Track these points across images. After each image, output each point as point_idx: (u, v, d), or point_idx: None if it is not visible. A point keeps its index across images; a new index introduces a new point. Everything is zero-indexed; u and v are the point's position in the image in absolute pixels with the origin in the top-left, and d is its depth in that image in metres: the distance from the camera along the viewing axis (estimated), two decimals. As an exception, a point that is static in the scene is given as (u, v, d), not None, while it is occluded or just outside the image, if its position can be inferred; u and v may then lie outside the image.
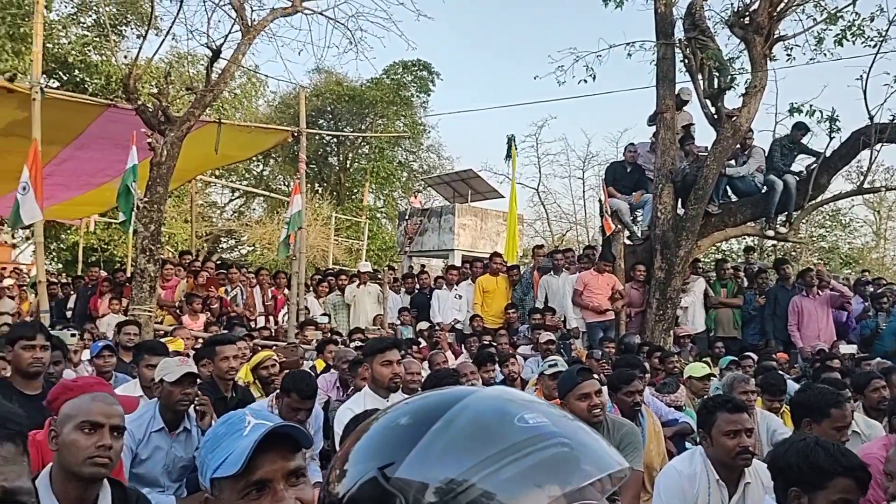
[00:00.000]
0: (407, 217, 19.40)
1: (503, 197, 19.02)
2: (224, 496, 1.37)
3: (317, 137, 27.01)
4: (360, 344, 7.04)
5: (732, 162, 9.57)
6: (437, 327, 9.67)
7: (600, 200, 10.38)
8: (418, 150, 30.97)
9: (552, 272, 9.83)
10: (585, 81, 9.36)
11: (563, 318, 9.38)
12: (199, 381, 4.14)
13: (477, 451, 0.70)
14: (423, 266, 17.13)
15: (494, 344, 8.26)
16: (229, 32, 7.77)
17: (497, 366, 6.51)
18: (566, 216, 29.36)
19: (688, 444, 5.12)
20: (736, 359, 7.32)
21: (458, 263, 13.59)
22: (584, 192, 28.13)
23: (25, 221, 6.93)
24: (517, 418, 0.73)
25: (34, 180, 6.76)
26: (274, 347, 7.05)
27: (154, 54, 10.72)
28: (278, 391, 4.38)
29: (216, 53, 7.58)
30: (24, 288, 14.90)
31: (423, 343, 8.82)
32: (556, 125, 53.35)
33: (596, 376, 4.20)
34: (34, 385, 3.96)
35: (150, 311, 7.32)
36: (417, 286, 10.98)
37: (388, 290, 10.11)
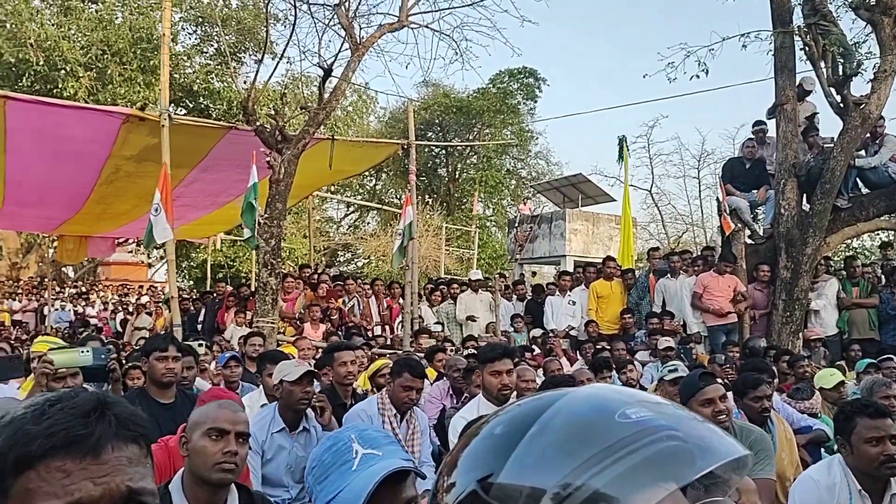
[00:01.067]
0: (517, 224, 19.34)
1: (615, 200, 18.66)
2: None
3: (426, 149, 27.42)
4: (473, 351, 7.08)
5: (862, 152, 8.98)
6: (550, 334, 9.57)
7: (718, 199, 9.98)
8: (526, 157, 30.87)
9: (669, 275, 9.53)
10: (698, 77, 9.03)
11: (681, 323, 9.08)
12: (318, 385, 4.27)
13: (578, 452, 0.67)
14: (533, 273, 17.04)
15: (610, 350, 8.09)
16: (339, 51, 7.99)
17: (614, 372, 6.37)
18: (681, 217, 28.49)
19: (823, 454, 4.82)
20: (874, 362, 6.84)
21: (570, 269, 13.43)
22: (699, 191, 27.22)
23: (158, 241, 7.37)
24: (618, 414, 0.69)
25: (165, 202, 7.20)
26: (390, 355, 7.17)
27: (270, 77, 11.18)
28: (387, 379, 4.50)
29: (328, 72, 7.83)
30: (160, 304, 15.87)
31: (537, 350, 8.76)
32: (668, 124, 52.08)
33: (720, 381, 4.03)
34: (168, 394, 4.18)
35: (272, 323, 7.61)
36: (530, 293, 10.91)
37: (499, 297, 10.10)
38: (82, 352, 3.91)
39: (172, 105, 7.93)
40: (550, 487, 0.65)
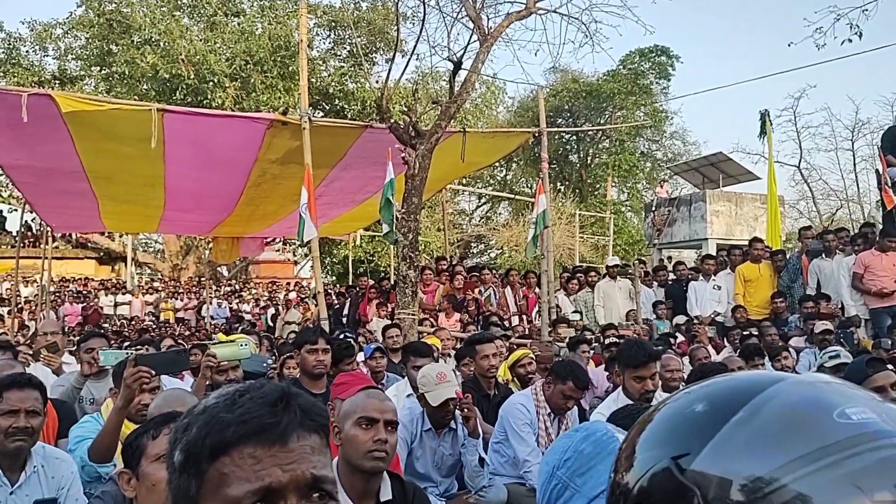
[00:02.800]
0: (654, 208, 18.75)
1: (759, 178, 17.70)
2: None
3: (557, 136, 27.11)
4: (615, 340, 6.95)
5: None
6: (695, 321, 9.22)
7: (878, 171, 9.24)
8: (661, 138, 29.89)
9: (823, 255, 8.94)
10: (850, 41, 8.39)
11: (839, 305, 8.49)
12: (461, 381, 4.31)
13: (789, 447, 0.62)
14: (669, 258, 16.49)
15: (760, 336, 7.69)
16: (468, 43, 8.03)
17: (766, 359, 6.06)
18: (835, 193, 26.60)
19: None
20: None
21: (713, 252, 12.88)
22: (854, 164, 25.29)
23: (306, 238, 7.73)
24: (837, 412, 0.63)
25: (309, 202, 7.52)
26: (530, 345, 7.16)
27: (401, 75, 11.46)
28: (547, 378, 4.42)
29: (457, 65, 7.89)
30: (306, 299, 16.62)
31: (681, 338, 8.47)
32: (816, 94, 48.67)
33: (890, 368, 3.74)
34: (319, 384, 4.38)
35: (413, 315, 7.79)
36: (672, 278, 10.57)
37: (639, 284, 9.84)
38: (241, 345, 4.17)
39: (311, 108, 8.25)
40: (753, 480, 0.61)
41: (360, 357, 6.67)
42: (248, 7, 20.79)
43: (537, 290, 10.46)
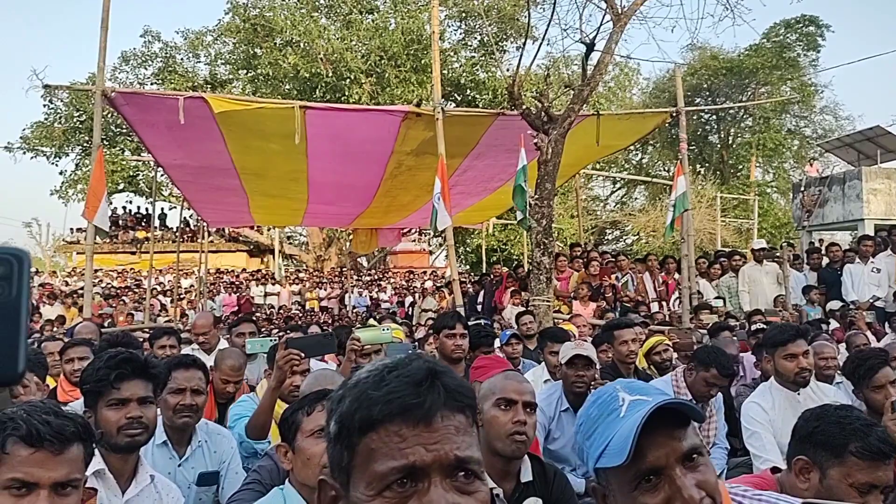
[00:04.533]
0: (803, 188, 17.65)
1: (924, 152, 16.27)
2: (613, 487, 1.23)
3: (695, 116, 26.07)
4: (761, 326, 6.62)
5: None
6: (851, 306, 8.63)
7: None
8: (810, 113, 28.06)
9: None
10: None
11: None
12: (597, 365, 4.26)
13: None
14: (821, 241, 15.47)
15: (929, 322, 7.09)
16: (601, 23, 7.86)
17: (936, 346, 5.57)
18: None
19: None
20: None
21: (870, 233, 11.98)
22: None
23: (440, 228, 7.86)
24: None
25: (443, 191, 7.65)
26: (667, 331, 6.96)
27: (533, 60, 11.35)
28: (689, 365, 4.29)
29: (590, 47, 7.75)
30: (441, 288, 16.91)
31: (835, 324, 7.95)
32: None
33: None
34: (457, 369, 4.45)
35: (548, 302, 7.76)
36: (825, 262, 9.93)
37: (788, 268, 9.31)
38: (383, 330, 4.33)
39: (443, 99, 8.36)
40: None
41: (496, 343, 6.74)
42: (382, 3, 21.32)
43: (677, 275, 10.13)
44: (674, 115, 9.69)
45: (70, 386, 4.28)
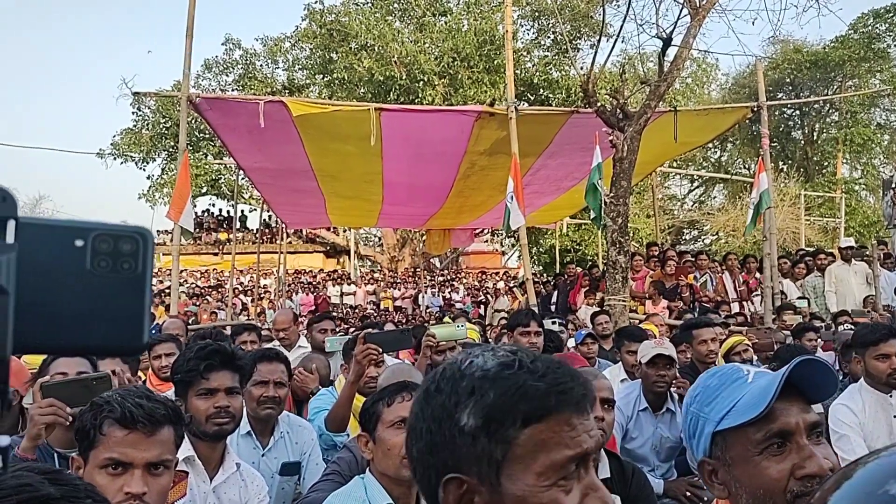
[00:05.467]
0: (894, 185, 16.85)
1: None
2: (733, 452, 1.23)
3: (777, 112, 25.22)
4: (850, 328, 6.37)
5: None
6: (948, 308, 8.22)
7: None
8: (902, 106, 26.75)
9: None
10: None
11: None
12: (677, 365, 4.19)
13: None
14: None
15: None
16: (678, 18, 7.69)
17: None
18: None
19: None
20: None
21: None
22: None
23: (513, 227, 7.86)
24: None
25: (516, 191, 7.64)
26: (746, 332, 6.77)
27: (608, 58, 11.23)
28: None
29: (667, 42, 7.62)
30: (514, 288, 16.88)
31: (933, 326, 7.57)
32: None
33: None
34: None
35: (623, 301, 7.65)
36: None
37: (878, 267, 8.92)
38: (458, 327, 4.37)
39: (516, 99, 8.35)
40: None
41: (571, 343, 6.69)
42: (455, 5, 21.42)
43: (758, 275, 9.84)
44: (755, 110, 9.42)
45: (158, 381, 4.45)
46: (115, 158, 22.29)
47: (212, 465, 2.58)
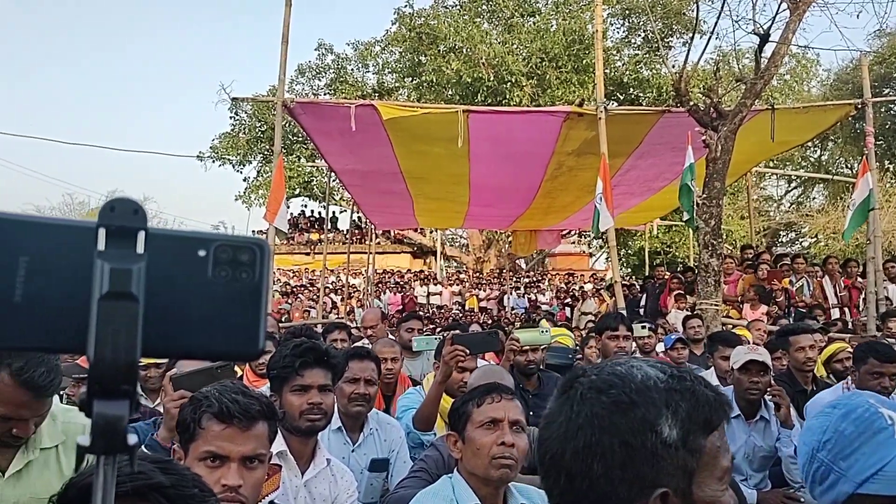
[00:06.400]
0: None
1: None
2: None
3: (883, 108, 23.91)
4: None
5: None
6: None
7: None
8: None
9: None
10: None
11: None
12: (772, 372, 4.06)
13: None
14: None
15: None
16: (777, 12, 7.42)
17: None
18: None
19: None
20: None
21: None
22: None
23: (601, 229, 7.77)
24: None
25: (605, 192, 7.55)
26: (848, 339, 6.47)
27: (701, 55, 10.96)
28: (851, 369, 4.04)
29: (764, 38, 7.36)
30: (602, 291, 16.65)
31: None
32: None
33: None
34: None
35: (716, 305, 7.45)
36: None
37: None
38: (542, 332, 4.36)
39: (606, 99, 8.24)
40: None
41: (660, 347, 6.57)
42: (543, 5, 21.30)
43: (861, 280, 9.37)
44: (859, 107, 8.99)
45: (255, 377, 4.62)
46: (213, 161, 23.24)
47: (303, 460, 2.66)
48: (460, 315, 18.71)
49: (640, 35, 21.07)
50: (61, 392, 3.87)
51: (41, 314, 0.58)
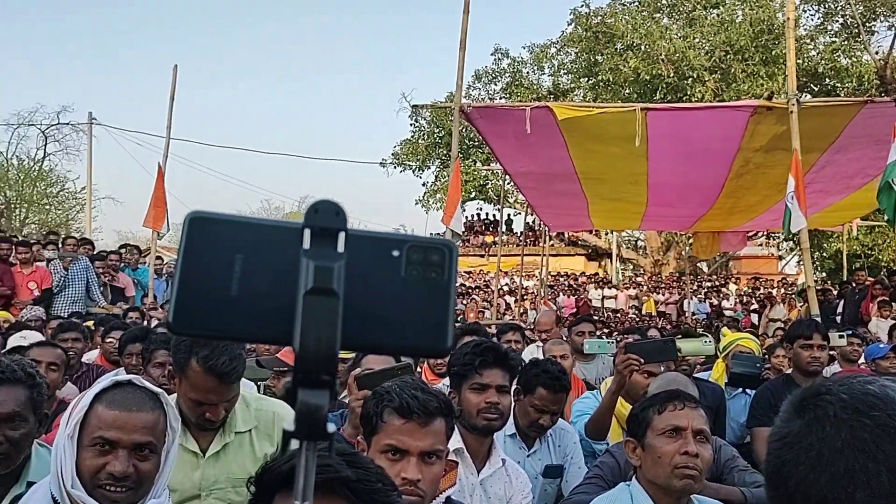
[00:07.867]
0: None
1: None
2: None
3: None
4: None
5: None
6: None
7: None
8: None
9: None
10: None
11: None
12: None
13: None
14: None
15: None
16: None
17: None
18: None
19: None
20: None
21: None
22: None
23: (793, 230, 7.26)
24: None
25: (797, 190, 7.05)
26: None
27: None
28: None
29: None
30: (793, 296, 15.57)
31: None
32: None
33: None
34: (810, 382, 4.09)
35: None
36: None
37: None
38: (705, 342, 4.14)
39: (798, 91, 7.70)
40: None
41: (861, 360, 6.04)
42: (727, -4, 20.33)
43: None
44: None
45: (433, 376, 4.76)
46: (395, 167, 24.24)
47: (479, 459, 2.70)
48: (637, 319, 18.19)
49: (837, 20, 19.50)
50: (260, 383, 4.21)
51: (254, 307, 0.63)
